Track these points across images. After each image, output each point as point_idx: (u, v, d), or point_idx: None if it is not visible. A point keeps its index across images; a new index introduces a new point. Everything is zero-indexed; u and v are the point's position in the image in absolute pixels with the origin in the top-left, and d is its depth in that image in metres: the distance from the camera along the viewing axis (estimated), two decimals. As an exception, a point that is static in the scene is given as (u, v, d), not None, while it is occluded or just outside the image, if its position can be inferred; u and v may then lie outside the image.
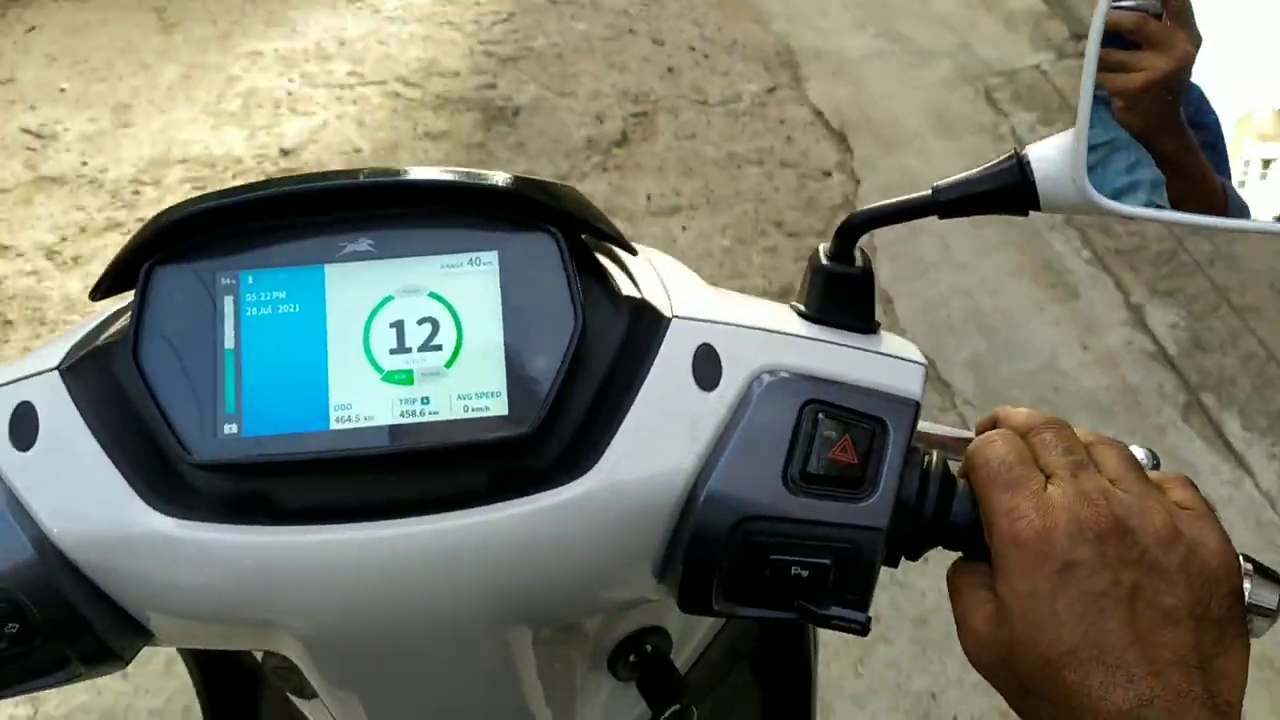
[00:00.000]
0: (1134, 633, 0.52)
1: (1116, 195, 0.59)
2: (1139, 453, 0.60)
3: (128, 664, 0.58)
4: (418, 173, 0.56)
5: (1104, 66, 0.57)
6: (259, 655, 0.77)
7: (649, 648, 0.74)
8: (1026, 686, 0.54)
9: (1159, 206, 0.60)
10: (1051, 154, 0.58)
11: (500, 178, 0.55)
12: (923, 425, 0.62)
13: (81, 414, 0.54)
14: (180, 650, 0.87)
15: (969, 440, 0.60)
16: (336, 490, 0.54)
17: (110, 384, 0.55)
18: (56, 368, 0.56)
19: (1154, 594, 0.53)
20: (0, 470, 0.55)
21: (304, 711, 0.77)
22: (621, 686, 0.76)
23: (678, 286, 0.60)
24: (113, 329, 0.58)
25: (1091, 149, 0.58)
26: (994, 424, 0.61)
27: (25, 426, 0.55)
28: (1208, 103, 0.58)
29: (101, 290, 0.56)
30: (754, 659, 0.88)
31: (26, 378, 0.56)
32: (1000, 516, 0.55)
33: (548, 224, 0.55)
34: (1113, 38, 0.57)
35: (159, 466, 0.54)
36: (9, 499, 0.54)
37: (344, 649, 0.58)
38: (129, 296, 0.56)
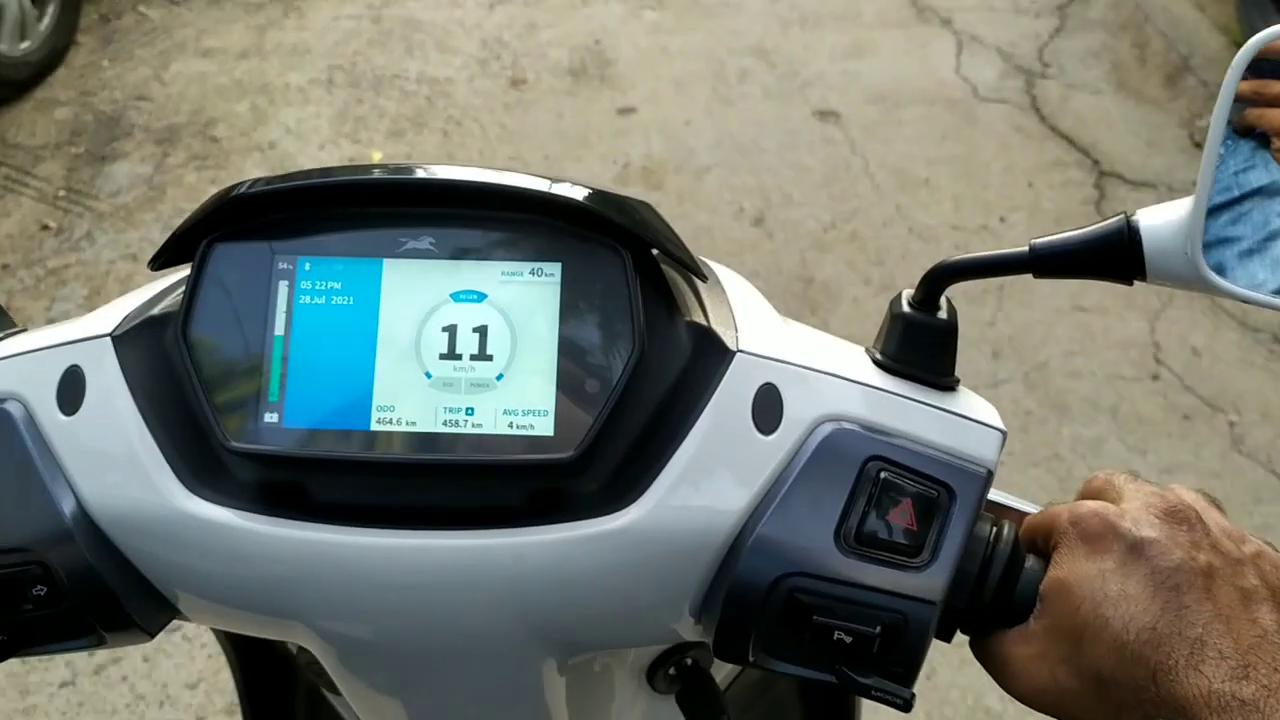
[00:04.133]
0: (1216, 607, 0.50)
1: (1265, 242, 0.54)
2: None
3: (153, 637, 0.58)
4: (488, 175, 0.54)
5: (1255, 100, 0.53)
6: (294, 648, 0.77)
7: (689, 661, 0.72)
8: (1102, 677, 0.50)
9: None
10: (1165, 221, 0.54)
11: (573, 189, 0.54)
12: (995, 495, 0.59)
13: (129, 384, 0.54)
14: (216, 635, 0.88)
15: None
16: (372, 492, 0.53)
17: (159, 357, 0.55)
18: (109, 334, 0.55)
19: (1231, 575, 0.51)
20: (45, 431, 0.54)
21: (336, 706, 0.78)
22: (659, 699, 0.74)
23: (747, 316, 0.58)
24: (167, 301, 0.57)
25: (1233, 202, 0.54)
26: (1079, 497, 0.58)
27: (73, 390, 0.55)
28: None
29: (161, 260, 0.55)
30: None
31: (79, 341, 0.56)
32: (1061, 520, 0.54)
33: (616, 240, 0.53)
34: (1263, 66, 0.53)
35: (199, 448, 0.53)
36: (49, 462, 0.54)
37: (363, 651, 0.57)
38: (188, 269, 0.55)
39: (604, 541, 0.52)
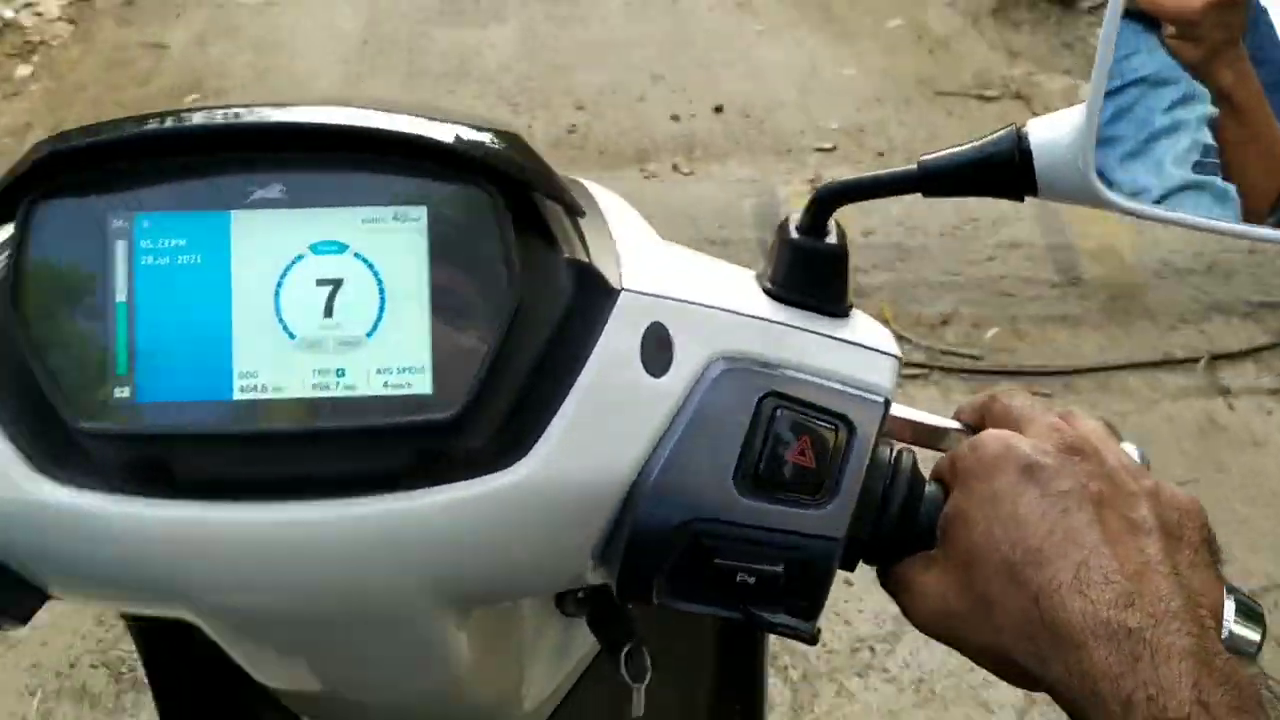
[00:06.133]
0: (1103, 533, 0.49)
1: (1148, 143, 0.52)
2: (1131, 449, 0.56)
3: (25, 623, 0.54)
4: (340, 114, 0.50)
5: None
6: None
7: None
8: (989, 599, 0.50)
9: (1163, 204, 0.54)
10: (1056, 132, 0.52)
11: (433, 125, 0.49)
12: (899, 410, 0.57)
13: None
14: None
15: (947, 431, 0.57)
16: (242, 464, 0.50)
17: None
18: None
19: (1123, 506, 0.50)
20: None
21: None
22: (570, 623, 0.72)
23: (629, 249, 0.55)
24: None
25: (1126, 87, 0.52)
26: (981, 417, 0.58)
27: None
28: (1276, 36, 0.53)
29: None
30: None
31: None
32: (961, 447, 0.53)
33: (483, 179, 0.49)
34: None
35: (48, 427, 0.49)
36: None
37: (252, 623, 0.55)
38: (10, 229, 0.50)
39: (494, 500, 0.50)
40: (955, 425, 0.59)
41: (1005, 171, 0.53)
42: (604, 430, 0.51)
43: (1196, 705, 0.43)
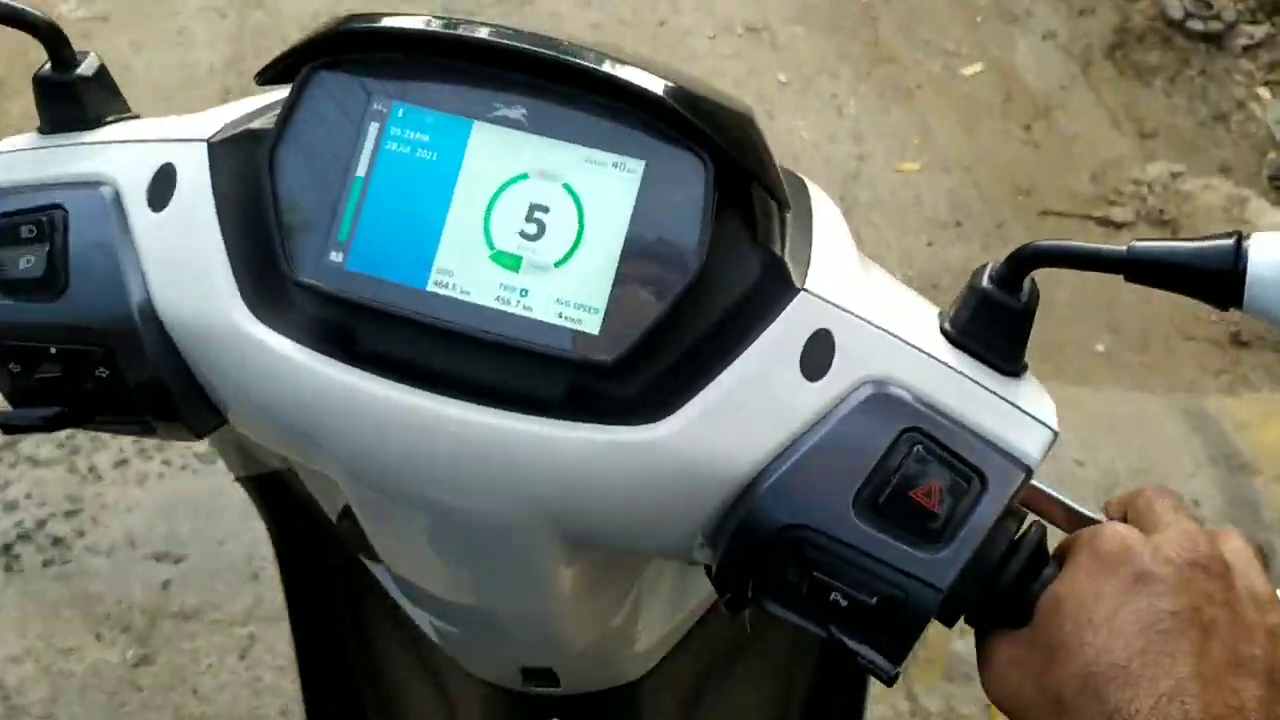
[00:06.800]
0: (1200, 666, 0.46)
1: None
2: None
3: (201, 438, 0.60)
4: (600, 60, 0.52)
5: None
6: (333, 517, 0.76)
7: None
8: (1063, 701, 0.47)
9: None
10: (1278, 252, 0.49)
11: (676, 89, 0.51)
12: (1047, 487, 0.57)
13: (215, 194, 0.55)
14: (255, 502, 0.87)
15: (1091, 519, 0.56)
16: (416, 351, 0.53)
17: (248, 173, 0.54)
18: (206, 139, 0.56)
19: (1232, 638, 0.47)
20: (131, 221, 0.56)
21: (375, 575, 0.78)
22: (689, 571, 0.71)
23: (823, 253, 0.55)
24: (265, 118, 0.57)
25: None
26: (1124, 511, 0.54)
27: (164, 188, 0.56)
28: None
29: (266, 76, 0.55)
30: None
31: (177, 140, 0.57)
32: (1083, 535, 0.51)
33: (706, 150, 0.51)
34: None
35: (268, 272, 0.53)
36: (129, 253, 0.55)
37: (385, 497, 0.57)
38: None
39: (626, 451, 0.51)
40: (1099, 516, 0.56)
41: (1215, 280, 0.51)
42: (745, 416, 0.51)
43: None
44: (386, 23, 0.52)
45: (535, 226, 0.51)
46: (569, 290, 0.51)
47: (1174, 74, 2.78)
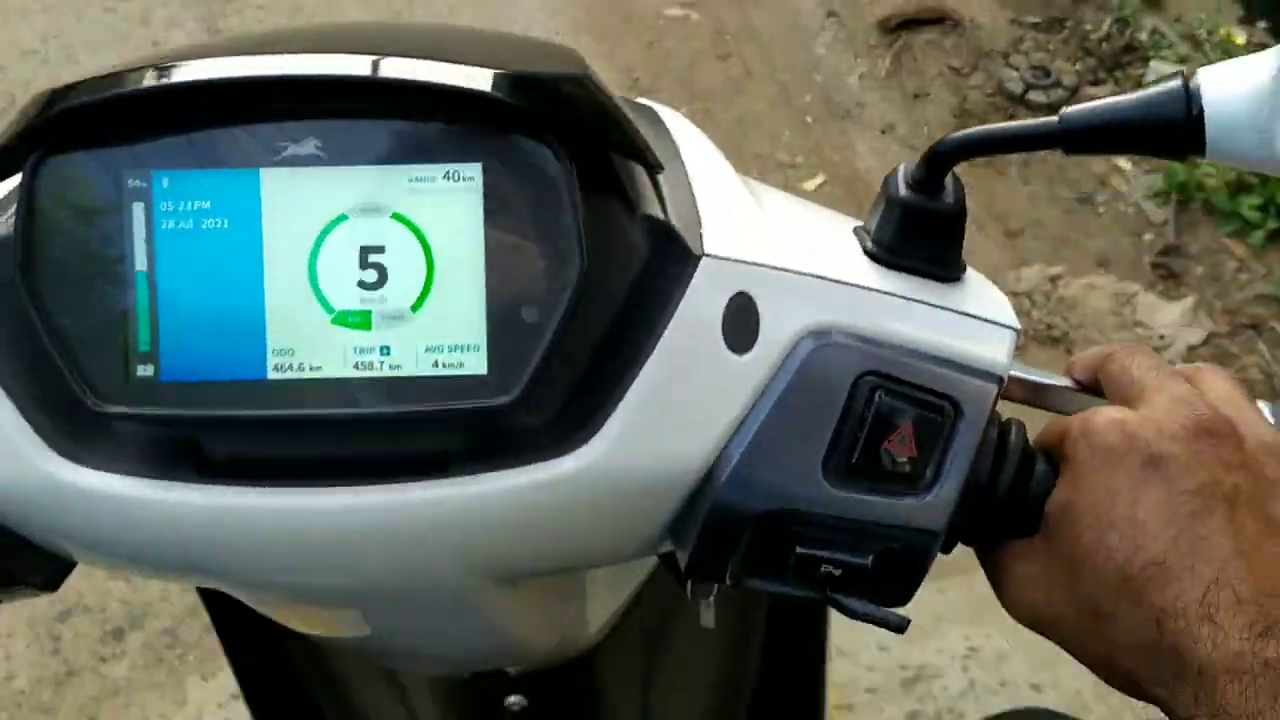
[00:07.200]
0: (1238, 542, 0.43)
1: None
2: (1265, 409, 0.49)
3: (55, 590, 0.54)
4: (383, 64, 0.43)
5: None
6: None
7: None
8: (1102, 612, 0.45)
9: None
10: (1232, 85, 0.46)
11: (482, 71, 0.43)
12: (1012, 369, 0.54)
13: None
14: None
15: (1059, 390, 0.52)
16: (280, 448, 0.46)
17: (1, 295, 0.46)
18: None
19: (1260, 499, 0.45)
20: None
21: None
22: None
23: (713, 201, 0.49)
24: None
25: None
26: (1095, 376, 0.51)
27: None
28: None
29: None
30: None
31: None
32: (1074, 427, 0.48)
33: (547, 131, 0.43)
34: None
35: (68, 407, 0.45)
36: None
37: (292, 602, 0.54)
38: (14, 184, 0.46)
39: (554, 487, 0.45)
40: (1066, 383, 0.53)
41: (1169, 129, 0.47)
42: (678, 413, 0.46)
43: None
44: (111, 90, 0.42)
45: (374, 272, 0.44)
46: (438, 334, 0.44)
47: (1026, 157, 2.55)
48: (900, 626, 0.48)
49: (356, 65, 0.43)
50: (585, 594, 0.66)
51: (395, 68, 0.43)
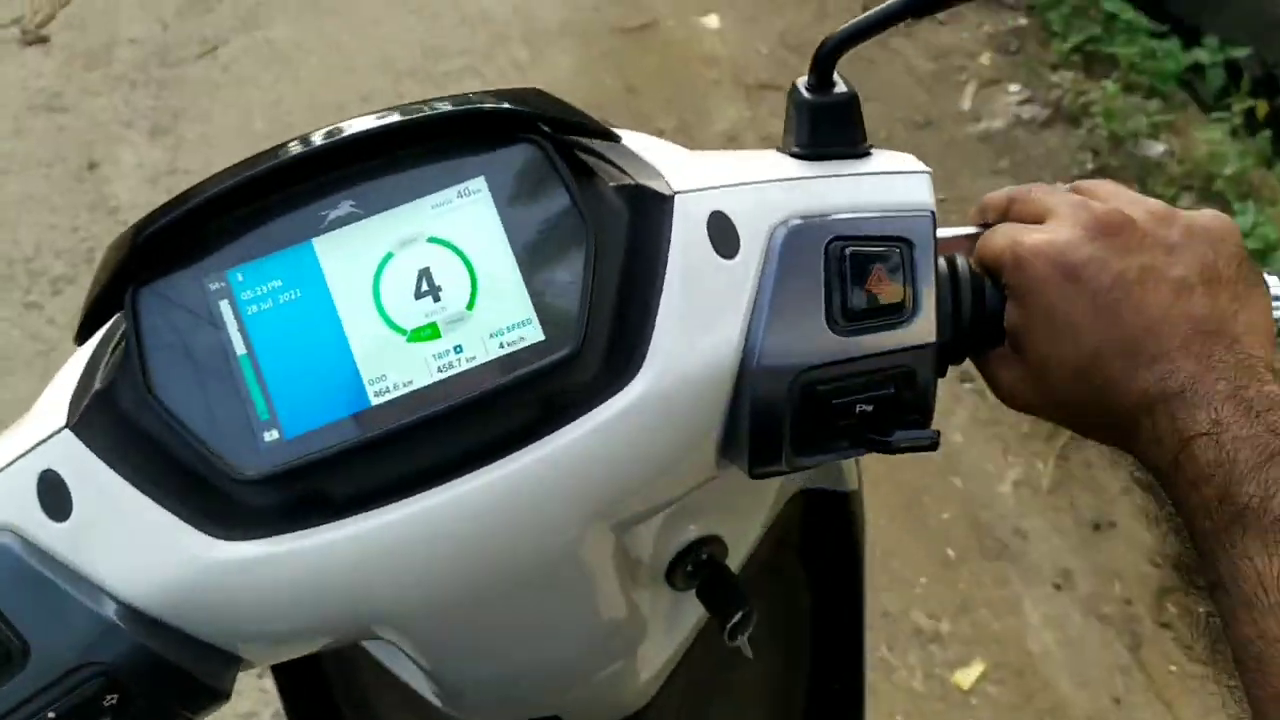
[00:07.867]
0: (1146, 317, 0.53)
1: None
2: (1270, 280, 0.59)
3: (229, 698, 0.56)
4: (375, 120, 0.52)
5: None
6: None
7: (705, 556, 0.70)
8: (1069, 402, 0.56)
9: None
10: None
11: (458, 101, 0.53)
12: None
13: (111, 465, 0.51)
14: None
15: (974, 237, 0.61)
16: (391, 466, 0.51)
17: (128, 424, 0.52)
18: (67, 425, 0.52)
19: (1162, 269, 0.54)
20: (47, 547, 0.52)
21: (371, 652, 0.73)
22: (681, 597, 0.72)
23: (668, 162, 0.58)
24: (104, 368, 0.54)
25: None
26: (982, 212, 0.62)
27: (56, 495, 0.52)
28: None
29: (86, 331, 0.54)
30: (800, 548, 0.84)
31: (39, 445, 0.53)
32: (1006, 259, 0.57)
33: (526, 133, 0.53)
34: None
35: (203, 493, 0.51)
36: (66, 574, 0.51)
37: (438, 616, 0.57)
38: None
39: (625, 418, 0.52)
40: (974, 230, 0.62)
41: None
42: (701, 318, 0.53)
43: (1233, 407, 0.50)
44: (173, 213, 0.50)
45: (429, 290, 0.51)
46: (495, 321, 0.51)
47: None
48: (935, 442, 0.56)
49: (357, 127, 0.52)
50: (639, 630, 0.70)
51: (385, 121, 0.52)
